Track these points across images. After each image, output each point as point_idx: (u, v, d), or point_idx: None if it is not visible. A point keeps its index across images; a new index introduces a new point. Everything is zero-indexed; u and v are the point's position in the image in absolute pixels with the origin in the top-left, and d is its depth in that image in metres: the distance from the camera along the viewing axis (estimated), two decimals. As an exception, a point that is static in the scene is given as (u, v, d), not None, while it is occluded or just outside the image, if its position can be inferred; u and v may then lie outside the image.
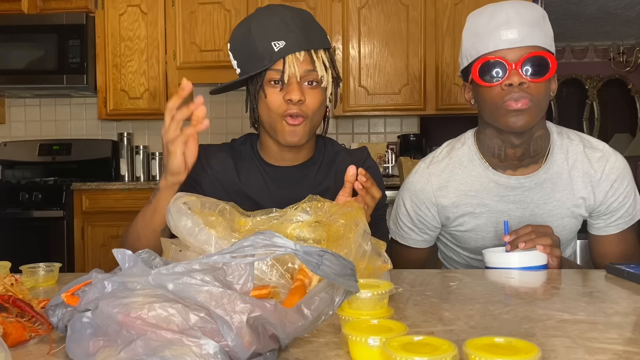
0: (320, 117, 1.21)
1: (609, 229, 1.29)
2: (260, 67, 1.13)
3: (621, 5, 5.09)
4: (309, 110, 1.15)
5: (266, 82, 1.15)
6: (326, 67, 1.16)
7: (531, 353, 0.50)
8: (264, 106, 1.17)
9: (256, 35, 1.13)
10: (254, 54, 1.14)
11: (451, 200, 1.30)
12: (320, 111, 1.19)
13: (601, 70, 6.47)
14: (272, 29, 1.13)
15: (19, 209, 3.26)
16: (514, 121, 1.15)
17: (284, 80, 1.13)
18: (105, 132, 3.95)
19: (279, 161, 1.25)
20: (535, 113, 1.15)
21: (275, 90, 1.15)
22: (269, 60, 1.12)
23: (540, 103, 1.16)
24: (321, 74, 1.15)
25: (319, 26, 1.19)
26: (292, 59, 1.12)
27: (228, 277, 0.59)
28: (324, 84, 1.16)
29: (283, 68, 1.12)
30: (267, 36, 1.13)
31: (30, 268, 1.01)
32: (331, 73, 1.17)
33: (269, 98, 1.15)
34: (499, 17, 1.14)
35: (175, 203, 0.82)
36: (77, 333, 0.56)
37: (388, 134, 3.90)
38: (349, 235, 0.81)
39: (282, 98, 1.14)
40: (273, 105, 1.15)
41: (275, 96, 1.15)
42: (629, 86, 6.49)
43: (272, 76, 1.14)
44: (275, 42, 1.12)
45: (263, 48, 1.13)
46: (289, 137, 1.16)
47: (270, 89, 1.15)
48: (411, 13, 3.47)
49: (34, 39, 3.48)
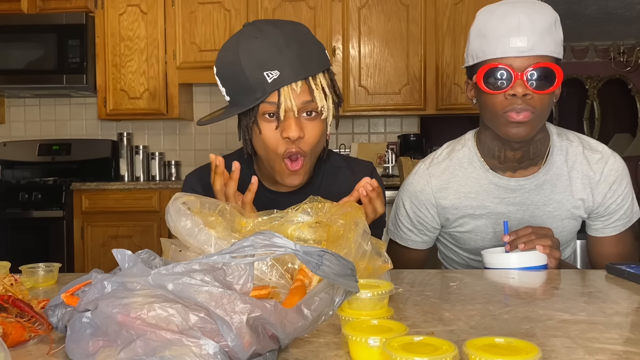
0: (321, 147, 1.12)
1: (607, 231, 1.29)
2: (253, 100, 1.02)
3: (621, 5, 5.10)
4: (309, 146, 1.06)
5: (260, 116, 1.05)
6: (326, 95, 1.06)
7: (531, 353, 0.50)
8: (260, 142, 1.07)
9: (246, 64, 1.01)
10: (244, 85, 1.03)
11: (451, 202, 1.30)
12: (320, 143, 1.10)
13: (601, 70, 6.48)
14: (263, 55, 1.01)
15: (19, 209, 3.26)
16: (515, 132, 1.14)
17: (280, 115, 1.02)
18: (104, 132, 3.95)
19: (278, 185, 1.18)
20: (536, 124, 1.15)
21: (271, 126, 1.05)
22: (262, 92, 1.01)
23: (542, 114, 1.14)
24: (321, 105, 1.05)
25: (316, 43, 1.08)
26: (288, 91, 1.01)
27: (228, 278, 0.59)
28: (324, 115, 1.06)
29: (278, 101, 1.01)
30: (259, 65, 1.01)
31: (30, 268, 1.01)
32: (332, 98, 1.08)
33: (264, 134, 1.05)
34: (509, 22, 1.10)
35: (175, 203, 0.81)
36: (77, 333, 0.56)
37: (388, 134, 3.90)
38: (349, 236, 0.81)
39: (279, 135, 1.05)
40: (270, 143, 1.05)
41: (271, 133, 1.05)
42: (629, 86, 6.49)
43: (266, 109, 1.03)
44: (268, 72, 1.00)
45: (254, 79, 1.01)
46: (289, 181, 1.09)
47: (265, 124, 1.05)
48: (411, 13, 3.47)
49: (34, 39, 3.48)
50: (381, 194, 1.04)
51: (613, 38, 6.25)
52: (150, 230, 3.29)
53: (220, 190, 1.05)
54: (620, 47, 6.33)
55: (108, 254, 3.21)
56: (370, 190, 1.01)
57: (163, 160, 3.83)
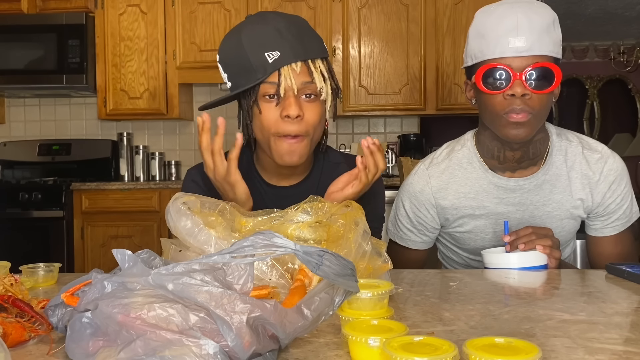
0: (321, 132, 1.13)
1: (606, 230, 1.29)
2: (253, 80, 1.04)
3: (621, 5, 5.10)
4: (309, 126, 1.07)
5: (260, 97, 1.07)
6: (325, 78, 1.08)
7: (531, 353, 0.50)
8: (258, 123, 1.09)
9: (247, 46, 1.04)
10: (246, 66, 1.05)
11: (450, 202, 1.30)
12: (320, 126, 1.11)
13: (601, 70, 6.48)
14: (264, 38, 1.04)
15: (19, 209, 3.26)
16: (515, 134, 1.14)
17: (280, 93, 1.04)
18: (104, 132, 3.95)
19: (277, 177, 1.19)
20: (535, 125, 1.15)
21: (271, 106, 1.06)
22: (263, 72, 1.03)
23: (541, 114, 1.15)
24: (320, 86, 1.06)
25: (315, 34, 1.11)
26: (288, 71, 1.03)
27: (228, 278, 0.59)
28: (323, 96, 1.08)
29: (278, 80, 1.04)
30: (260, 46, 1.04)
31: (30, 268, 1.01)
32: (330, 84, 1.10)
33: (264, 114, 1.07)
34: (508, 22, 1.10)
35: (175, 203, 0.81)
36: (77, 333, 0.56)
37: (388, 134, 3.90)
38: (349, 236, 0.81)
39: (278, 114, 1.06)
40: (269, 122, 1.07)
41: (271, 112, 1.06)
42: (629, 86, 6.49)
43: (266, 90, 1.05)
44: (269, 53, 1.03)
45: (256, 59, 1.04)
46: (287, 157, 1.09)
47: (265, 104, 1.07)
48: (411, 13, 3.47)
49: (34, 39, 3.48)
50: (382, 149, 1.06)
51: (613, 38, 6.25)
52: (150, 230, 3.29)
53: (206, 147, 1.06)
54: (620, 47, 6.33)
55: (108, 254, 3.22)
56: (371, 143, 1.04)
57: (163, 160, 3.84)
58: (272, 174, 1.20)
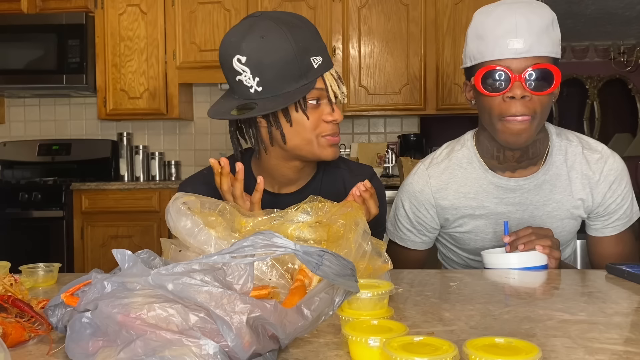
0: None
1: (606, 231, 1.29)
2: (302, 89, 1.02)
3: (621, 5, 5.10)
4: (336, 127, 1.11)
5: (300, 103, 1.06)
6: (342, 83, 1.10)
7: (531, 353, 0.50)
8: (299, 128, 1.06)
9: (296, 50, 1.01)
10: (292, 71, 1.01)
11: (450, 202, 1.30)
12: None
13: (601, 70, 6.48)
14: (307, 42, 1.02)
15: (19, 209, 3.26)
16: (514, 141, 1.14)
17: (332, 100, 1.05)
18: (104, 132, 3.95)
19: (278, 185, 1.19)
20: (535, 128, 1.14)
21: (315, 111, 1.07)
22: (309, 78, 1.02)
23: (541, 116, 1.14)
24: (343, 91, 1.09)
25: None
26: (330, 76, 1.05)
27: (228, 278, 0.59)
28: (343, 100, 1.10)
29: (325, 86, 1.04)
30: (304, 51, 1.02)
31: (30, 268, 1.01)
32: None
33: (311, 119, 1.06)
34: (506, 23, 1.10)
35: (175, 203, 0.81)
36: (77, 333, 0.56)
37: (388, 134, 3.90)
38: (349, 236, 0.81)
39: (319, 119, 1.07)
40: (312, 127, 1.06)
41: (316, 117, 1.07)
42: (630, 86, 6.49)
43: (313, 95, 1.05)
44: (313, 58, 1.02)
45: (302, 65, 1.01)
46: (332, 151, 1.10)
47: (309, 110, 1.06)
48: (411, 13, 3.47)
49: (34, 39, 3.48)
50: (374, 195, 1.05)
51: (613, 38, 6.25)
52: (150, 230, 3.29)
53: (227, 190, 1.06)
54: (620, 47, 6.33)
55: (108, 254, 3.21)
56: (363, 190, 1.02)
57: (163, 160, 3.83)
58: (273, 183, 1.19)
